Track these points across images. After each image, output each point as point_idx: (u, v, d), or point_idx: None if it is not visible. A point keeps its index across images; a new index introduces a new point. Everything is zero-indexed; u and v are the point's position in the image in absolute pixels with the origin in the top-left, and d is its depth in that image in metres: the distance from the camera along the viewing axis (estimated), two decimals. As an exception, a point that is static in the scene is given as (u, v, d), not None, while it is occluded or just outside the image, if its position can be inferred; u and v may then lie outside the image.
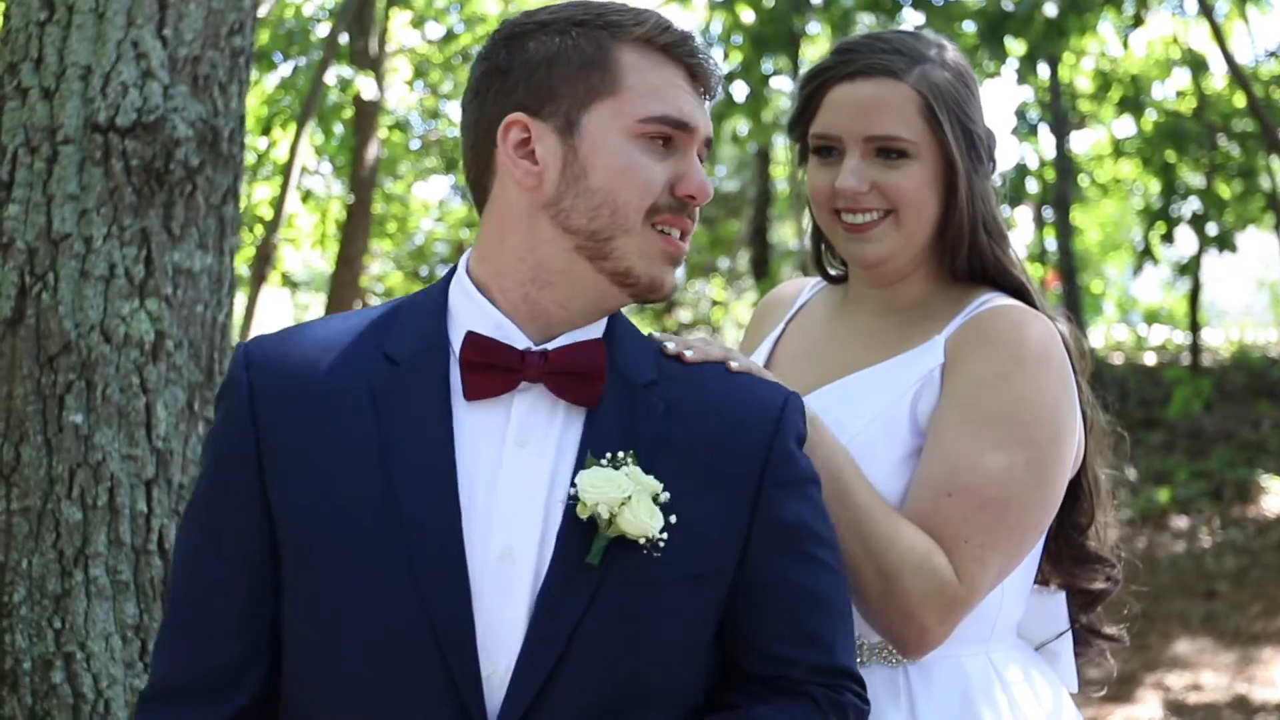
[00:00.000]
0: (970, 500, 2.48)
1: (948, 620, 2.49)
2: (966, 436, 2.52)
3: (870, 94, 2.64)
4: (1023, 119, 16.52)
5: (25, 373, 4.30)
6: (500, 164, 2.27)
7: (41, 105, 4.34)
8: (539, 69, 2.23)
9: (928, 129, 2.63)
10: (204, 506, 2.29)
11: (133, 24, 4.34)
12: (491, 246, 2.30)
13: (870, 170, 2.63)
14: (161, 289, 4.36)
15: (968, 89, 2.67)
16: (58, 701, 4.26)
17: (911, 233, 2.66)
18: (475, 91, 2.30)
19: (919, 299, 2.73)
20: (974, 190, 2.64)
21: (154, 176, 4.32)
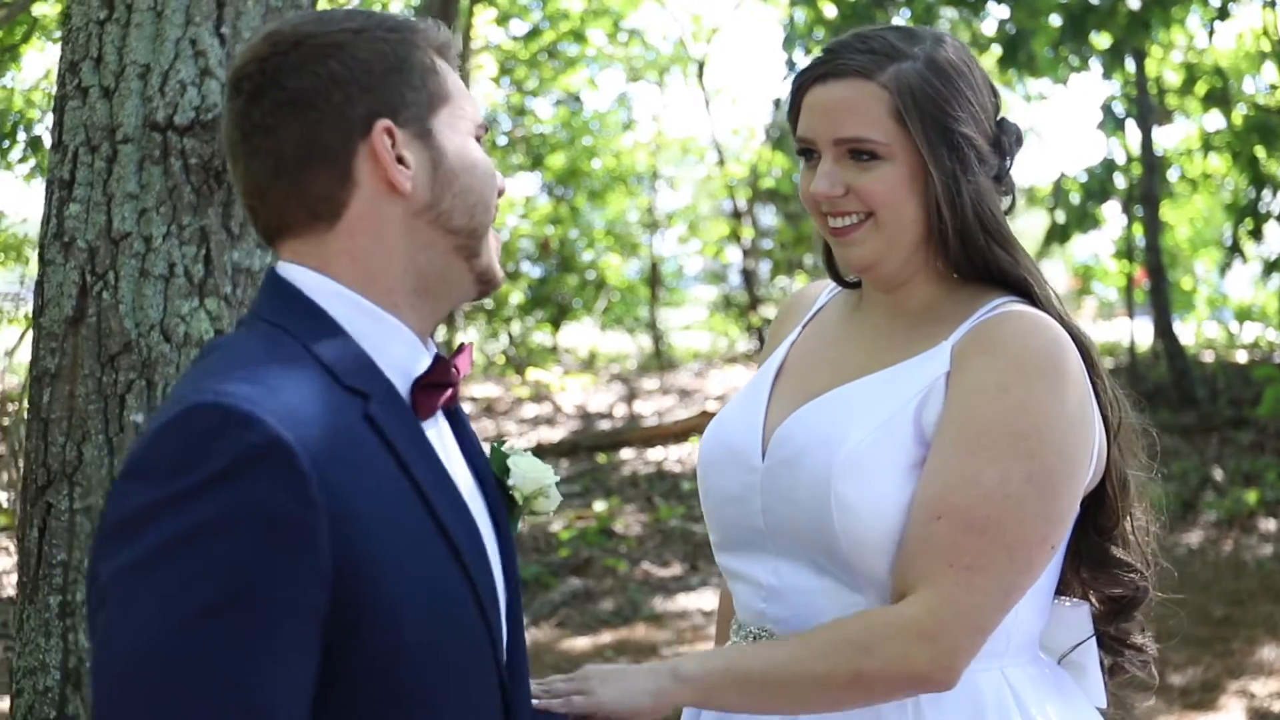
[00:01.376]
0: (958, 523, 2.43)
1: (945, 653, 2.43)
2: (961, 452, 2.46)
3: (840, 95, 2.59)
4: (1109, 114, 16.32)
5: (86, 372, 4.31)
6: (362, 176, 2.12)
7: (101, 104, 4.34)
8: (386, 76, 2.13)
9: (899, 129, 2.57)
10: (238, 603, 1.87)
11: (191, 22, 4.33)
12: (370, 262, 2.14)
13: (845, 173, 2.59)
14: (221, 288, 4.36)
15: (952, 86, 2.59)
16: (119, 700, 4.26)
17: (893, 235, 2.60)
18: (293, 105, 2.10)
19: (927, 302, 2.67)
20: (958, 190, 2.57)
21: (213, 175, 4.32)
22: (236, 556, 1.84)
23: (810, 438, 2.54)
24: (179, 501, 1.85)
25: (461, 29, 17.72)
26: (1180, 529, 11.25)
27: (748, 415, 2.71)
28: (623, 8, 20.71)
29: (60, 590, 4.29)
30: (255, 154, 2.12)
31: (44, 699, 4.28)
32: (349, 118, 2.10)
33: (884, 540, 2.47)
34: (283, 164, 2.11)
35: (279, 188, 2.12)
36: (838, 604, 2.54)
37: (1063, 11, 12.63)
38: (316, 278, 2.12)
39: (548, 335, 22.73)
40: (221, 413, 1.88)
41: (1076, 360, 2.53)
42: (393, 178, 2.11)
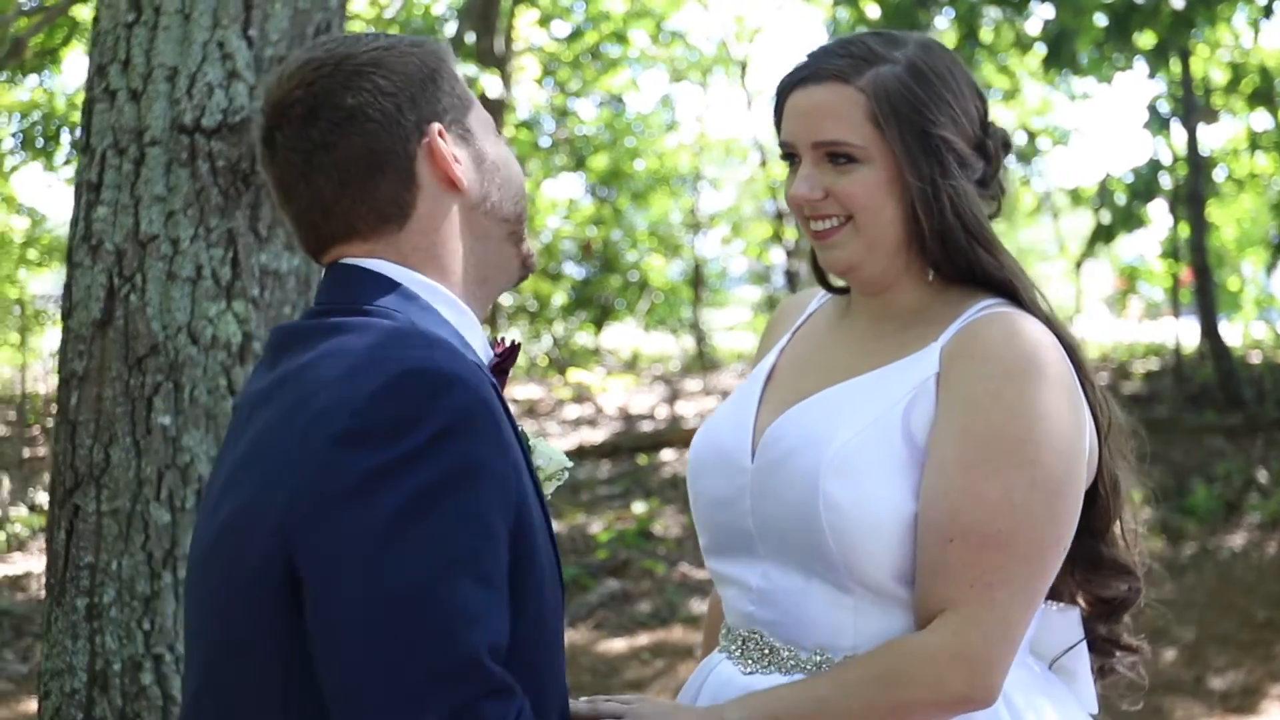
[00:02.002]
0: (971, 542, 2.42)
1: (980, 672, 2.43)
2: (962, 469, 2.45)
3: (818, 100, 2.60)
4: (1155, 113, 16.21)
5: (114, 374, 4.31)
6: (424, 177, 2.30)
7: (129, 107, 4.35)
8: (425, 86, 2.31)
9: (876, 133, 2.57)
10: (477, 507, 2.06)
11: (218, 25, 4.34)
12: (443, 257, 2.32)
13: (824, 176, 2.59)
14: (248, 290, 4.36)
15: (930, 90, 2.59)
16: (147, 703, 4.27)
17: (873, 238, 2.60)
18: (350, 119, 2.26)
19: (914, 305, 2.66)
20: (935, 193, 2.56)
21: (240, 177, 4.32)
22: (470, 509, 2.03)
23: (799, 437, 2.54)
24: (409, 462, 2.00)
25: (503, 31, 17.74)
26: (1224, 531, 11.16)
27: (738, 418, 2.71)
28: (665, 9, 20.69)
29: (87, 593, 4.30)
30: (319, 170, 2.26)
31: (71, 701, 4.29)
32: (404, 125, 2.26)
33: (871, 539, 2.47)
34: (349, 176, 2.25)
35: (347, 197, 2.26)
36: (826, 605, 2.54)
37: (1107, 11, 12.54)
38: (404, 271, 2.28)
39: (590, 336, 22.72)
40: (433, 376, 2.05)
41: (1064, 361, 2.53)
42: (452, 174, 2.28)
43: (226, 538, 2.17)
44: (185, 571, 2.36)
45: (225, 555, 2.16)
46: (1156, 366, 18.73)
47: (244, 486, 2.17)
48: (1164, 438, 14.24)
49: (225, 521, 2.18)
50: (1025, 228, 24.73)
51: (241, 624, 2.12)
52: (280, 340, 2.31)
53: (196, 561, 2.27)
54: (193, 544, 2.31)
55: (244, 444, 2.22)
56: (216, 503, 2.23)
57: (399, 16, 16.56)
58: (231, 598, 2.14)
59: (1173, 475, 12.68)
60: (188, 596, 2.32)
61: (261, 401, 2.24)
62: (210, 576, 2.20)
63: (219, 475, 2.28)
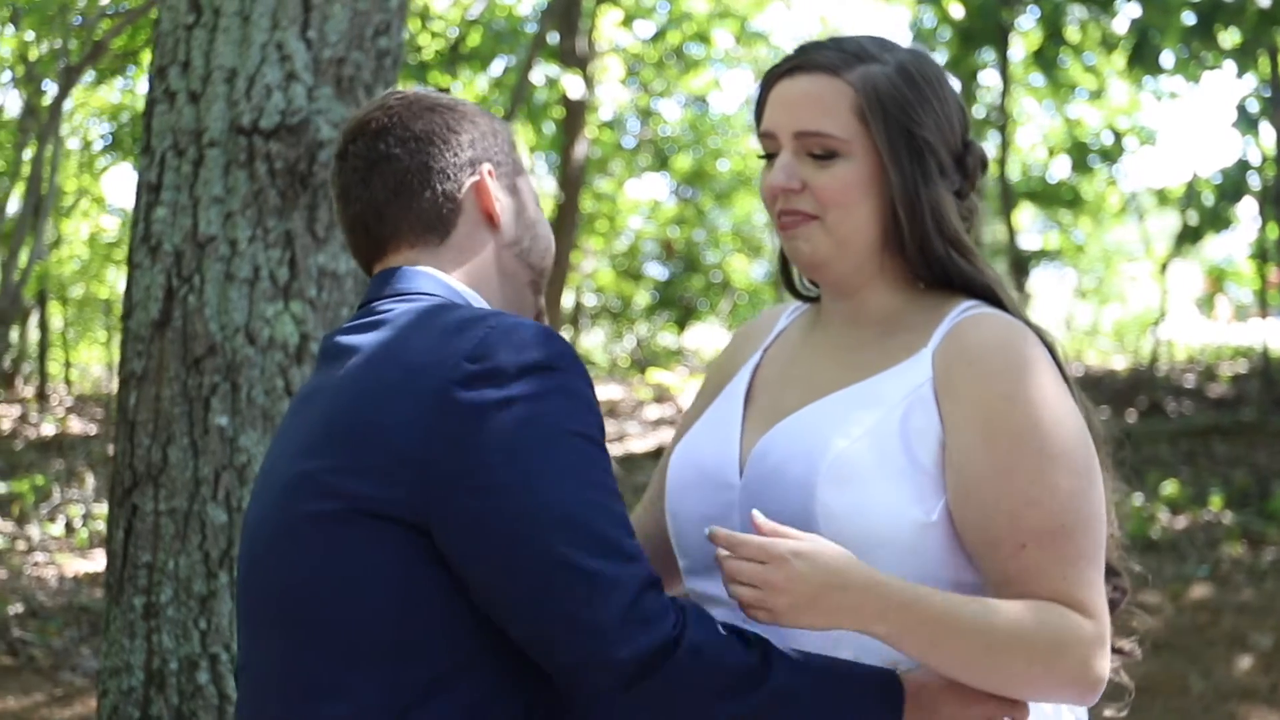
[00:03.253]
0: (1044, 539, 2.38)
1: (1106, 654, 2.39)
2: (1004, 478, 2.41)
3: (805, 89, 2.56)
4: (1243, 112, 16.02)
5: (172, 375, 4.34)
6: (468, 204, 2.50)
7: (188, 108, 4.37)
8: (487, 136, 2.54)
9: (862, 128, 2.53)
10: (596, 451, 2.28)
11: (277, 26, 4.35)
12: (475, 276, 2.50)
13: (803, 169, 2.54)
14: (305, 291, 4.37)
15: (919, 93, 2.55)
16: (203, 702, 4.29)
17: (843, 236, 2.54)
18: (416, 139, 2.49)
19: (890, 310, 2.61)
20: (914, 196, 2.52)
21: (298, 179, 4.33)
22: (593, 435, 2.25)
23: (791, 450, 2.49)
24: (539, 396, 2.20)
25: (586, 31, 17.75)
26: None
27: (720, 437, 2.65)
28: (749, 9, 20.64)
29: (145, 591, 4.33)
30: (378, 177, 2.48)
31: (128, 699, 4.32)
32: (461, 157, 2.49)
33: (870, 548, 2.41)
34: (402, 186, 2.47)
35: (399, 203, 2.47)
36: None
37: (1194, 9, 12.41)
38: (446, 276, 2.46)
39: (673, 337, 22.72)
40: (534, 327, 2.26)
41: (1047, 353, 2.51)
42: (491, 209, 2.49)
43: (313, 512, 2.25)
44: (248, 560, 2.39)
45: (318, 527, 2.24)
46: (1244, 369, 18.50)
47: (326, 458, 2.25)
48: (1248, 441, 14.07)
49: (308, 494, 2.26)
50: (1111, 229, 24.51)
51: (350, 585, 2.22)
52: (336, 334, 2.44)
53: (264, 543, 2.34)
54: (255, 530, 2.37)
55: (312, 424, 2.31)
56: (285, 486, 2.31)
57: (482, 17, 16.63)
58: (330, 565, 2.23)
59: (1255, 479, 12.52)
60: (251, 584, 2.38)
61: (320, 390, 2.36)
62: (292, 556, 2.28)
63: (279, 465, 2.36)
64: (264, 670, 2.33)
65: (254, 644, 2.37)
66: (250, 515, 2.42)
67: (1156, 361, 18.53)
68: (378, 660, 2.20)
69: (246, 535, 2.41)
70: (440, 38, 16.18)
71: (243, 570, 2.41)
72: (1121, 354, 22.18)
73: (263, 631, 2.34)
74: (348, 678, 2.21)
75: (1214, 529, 11.09)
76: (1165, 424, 15.30)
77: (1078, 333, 25.10)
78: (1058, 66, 16.08)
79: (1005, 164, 18.79)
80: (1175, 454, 13.85)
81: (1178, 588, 9.65)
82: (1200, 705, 7.55)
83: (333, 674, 2.22)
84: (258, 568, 2.36)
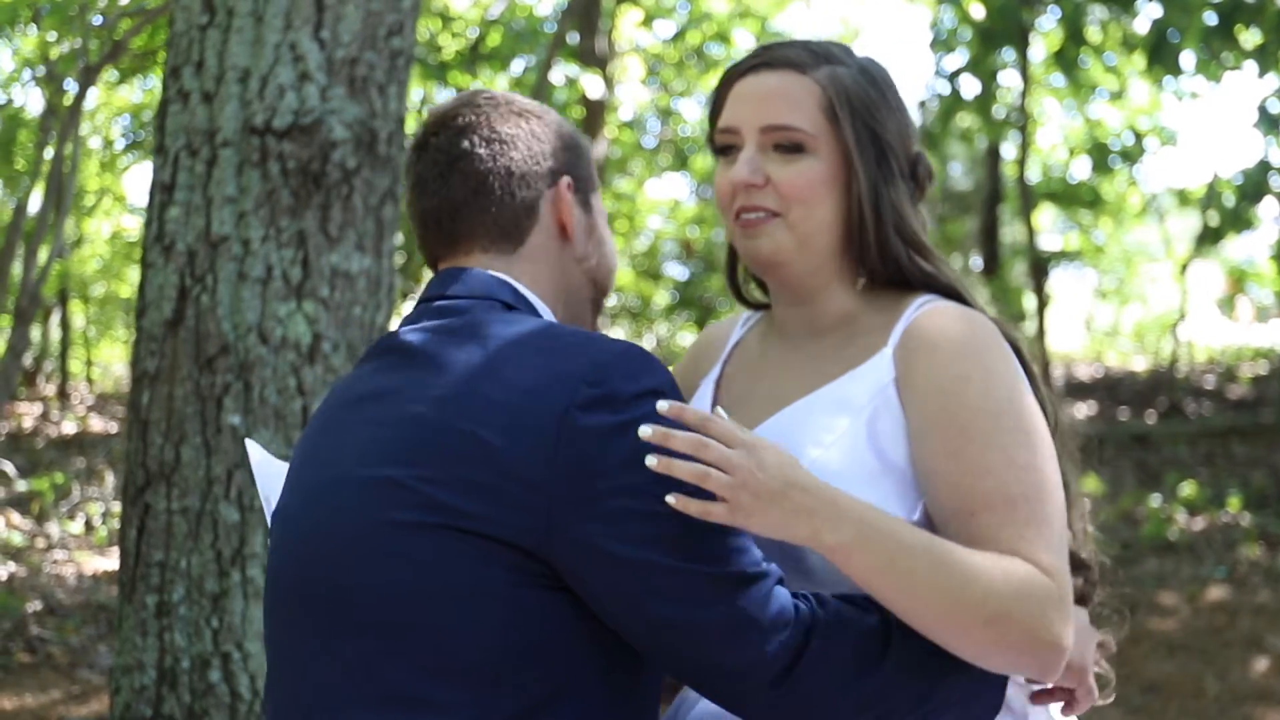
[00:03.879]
0: (997, 506, 2.33)
1: (1068, 617, 2.30)
2: (956, 455, 2.38)
3: (771, 85, 2.55)
4: (1264, 113, 15.98)
5: (184, 374, 4.36)
6: (544, 214, 2.48)
7: (201, 108, 4.39)
8: (568, 150, 2.53)
9: (828, 125, 2.52)
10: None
11: (290, 27, 4.37)
12: (544, 286, 2.49)
13: (768, 164, 2.53)
14: (318, 291, 4.38)
15: (882, 96, 2.56)
16: (215, 700, 4.31)
17: (805, 235, 2.53)
18: (500, 142, 2.48)
19: (847, 313, 2.60)
20: (878, 195, 2.52)
21: (311, 179, 4.35)
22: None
23: None
24: (644, 399, 2.19)
25: (606, 31, 17.76)
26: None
27: None
28: (769, 9, 20.65)
29: (157, 590, 4.35)
30: (458, 174, 2.46)
31: (140, 697, 4.34)
32: (543, 166, 2.47)
33: None
34: (482, 187, 2.44)
35: (477, 205, 2.45)
36: None
37: (1215, 10, 12.38)
38: (517, 283, 2.44)
39: (693, 336, 22.69)
40: (641, 352, 2.26)
41: (1005, 344, 2.49)
42: (567, 221, 2.48)
43: (405, 521, 2.19)
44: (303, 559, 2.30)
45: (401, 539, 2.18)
46: (1265, 370, 18.46)
47: (420, 468, 2.19)
48: (1268, 442, 14.04)
49: (397, 502, 2.20)
50: (1131, 229, 24.46)
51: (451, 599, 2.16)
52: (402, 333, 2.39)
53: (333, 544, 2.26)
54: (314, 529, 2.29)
55: (394, 429, 2.24)
56: (364, 490, 2.24)
57: (502, 17, 16.65)
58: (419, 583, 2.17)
59: (1274, 481, 12.50)
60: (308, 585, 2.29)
61: (394, 393, 2.29)
62: (376, 562, 2.20)
63: (348, 467, 2.28)
64: (326, 673, 2.23)
65: (306, 645, 2.27)
66: (301, 512, 2.34)
67: (1176, 362, 18.50)
68: (471, 679, 2.14)
69: (294, 532, 2.34)
70: (460, 38, 16.19)
71: (293, 569, 2.32)
72: (1141, 355, 22.15)
73: (324, 633, 2.24)
74: (434, 691, 2.15)
75: (1232, 530, 11.07)
76: (1185, 425, 15.28)
77: (1098, 334, 25.07)
78: (1078, 67, 16.05)
79: (1025, 165, 18.75)
80: (1194, 455, 13.83)
81: (1195, 589, 9.64)
82: (1216, 707, 7.53)
83: (418, 685, 2.16)
84: (321, 568, 2.26)
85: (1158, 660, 8.18)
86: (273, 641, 2.36)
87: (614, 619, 2.15)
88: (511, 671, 2.14)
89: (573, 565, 2.13)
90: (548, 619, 2.15)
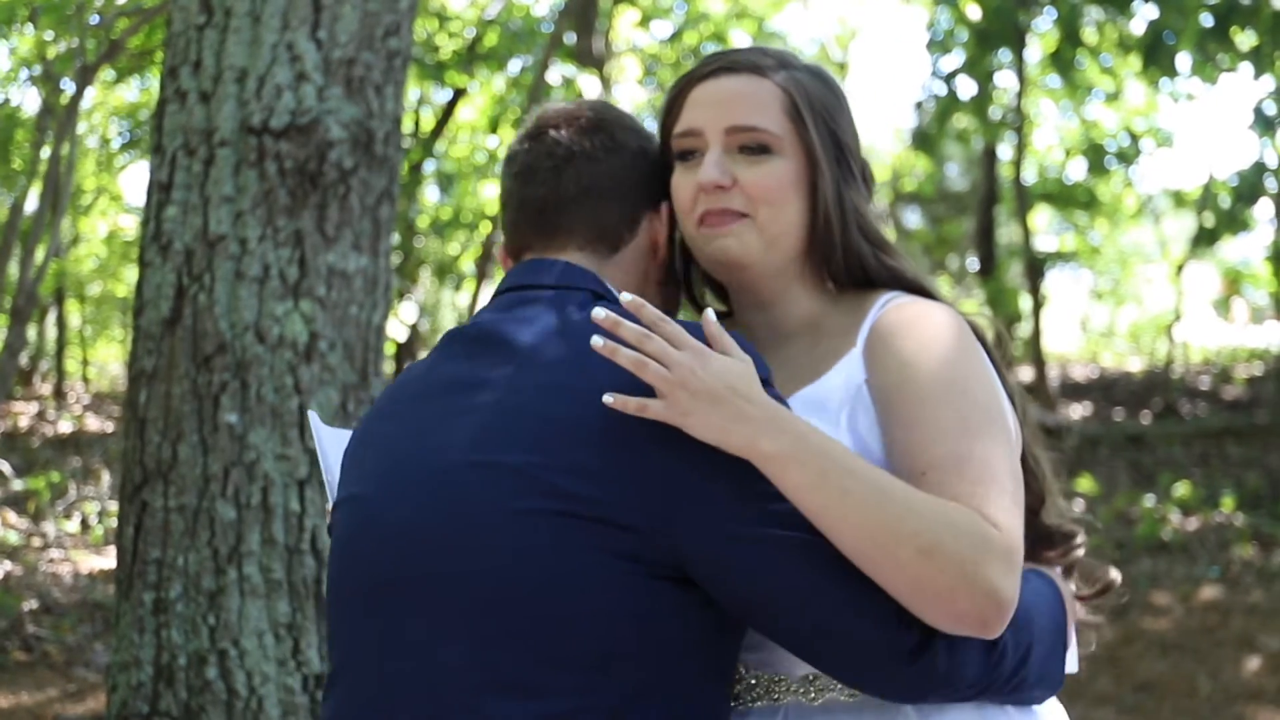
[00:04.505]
0: (949, 464, 2.29)
1: (1012, 571, 2.22)
2: (911, 422, 2.36)
3: (734, 87, 2.56)
4: (1259, 114, 16.00)
5: (182, 372, 4.38)
6: (641, 230, 2.54)
7: (199, 108, 4.41)
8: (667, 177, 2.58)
9: (791, 126, 2.54)
10: None
11: (288, 27, 4.39)
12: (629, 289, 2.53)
13: (734, 166, 2.54)
14: (315, 290, 4.41)
15: (837, 100, 2.59)
16: (212, 697, 4.33)
17: (774, 236, 2.54)
18: (619, 150, 2.53)
19: (811, 316, 2.60)
20: (841, 194, 2.54)
21: (308, 178, 4.37)
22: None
23: None
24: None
25: (603, 31, 17.79)
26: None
27: None
28: (766, 10, 20.67)
29: (154, 587, 4.37)
30: (573, 171, 2.49)
31: (137, 694, 4.36)
32: (650, 186, 2.54)
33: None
34: (593, 188, 2.49)
35: (585, 203, 2.49)
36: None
37: (1211, 11, 12.41)
38: (609, 286, 2.47)
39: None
40: (736, 336, 2.26)
41: (971, 333, 2.49)
42: (661, 242, 2.54)
43: (526, 508, 2.19)
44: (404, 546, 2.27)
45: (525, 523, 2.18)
46: (1260, 371, 18.49)
47: (541, 455, 2.19)
48: (1262, 443, 14.08)
49: (515, 489, 2.20)
50: (1127, 230, 24.49)
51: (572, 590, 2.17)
52: (493, 322, 2.39)
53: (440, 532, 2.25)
54: (412, 516, 2.27)
55: (502, 417, 2.25)
56: (476, 476, 2.23)
57: (499, 17, 16.66)
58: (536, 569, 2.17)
59: (1268, 481, 12.53)
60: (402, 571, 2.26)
61: (494, 383, 2.29)
62: (494, 549, 2.20)
63: (450, 455, 2.27)
64: (443, 659, 2.20)
65: (410, 630, 2.24)
66: (390, 500, 2.31)
67: (1172, 363, 18.53)
68: (582, 665, 2.15)
69: (383, 520, 2.30)
70: (457, 38, 16.21)
71: (387, 555, 2.28)
72: (1137, 356, 22.19)
73: (436, 619, 2.22)
74: (547, 678, 2.15)
75: (1225, 531, 11.11)
76: (1179, 426, 15.32)
77: (1093, 334, 25.10)
78: (1074, 68, 16.08)
79: (1021, 165, 18.77)
80: (1188, 455, 13.87)
81: (1188, 589, 9.67)
82: (1209, 706, 7.56)
83: (533, 672, 2.15)
84: (429, 555, 2.24)
85: (1151, 659, 8.21)
86: (353, 625, 2.32)
87: (733, 592, 2.17)
88: (618, 660, 2.15)
89: (694, 540, 2.15)
90: (656, 610, 2.17)
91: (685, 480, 2.15)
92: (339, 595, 2.35)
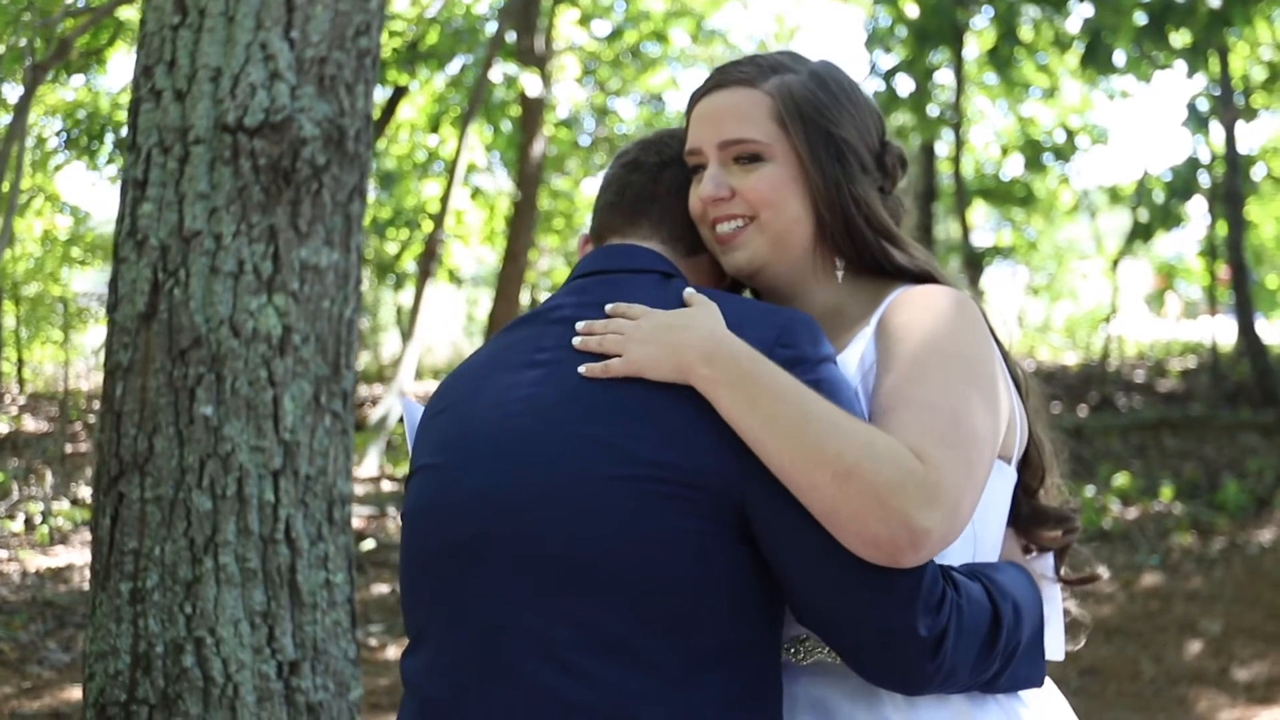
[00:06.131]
0: (914, 405, 2.31)
1: (932, 506, 2.22)
2: (892, 374, 2.43)
3: (724, 102, 2.66)
4: (1193, 111, 16.22)
5: (158, 366, 4.43)
6: (710, 241, 2.66)
7: (174, 106, 4.47)
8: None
9: (781, 132, 2.64)
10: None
11: (261, 27, 4.45)
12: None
13: (731, 177, 2.65)
14: (289, 285, 4.47)
15: (833, 96, 2.66)
16: (188, 684, 4.38)
17: (777, 235, 2.64)
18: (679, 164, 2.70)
19: (831, 305, 2.68)
20: (838, 190, 2.63)
21: (281, 175, 4.43)
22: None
23: None
24: (826, 363, 2.38)
25: (544, 30, 17.83)
26: (1253, 526, 11.21)
27: None
28: (705, 8, 20.76)
29: (131, 577, 4.43)
30: (671, 173, 2.69)
31: (114, 682, 4.41)
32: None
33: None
34: (676, 186, 2.68)
35: (674, 202, 2.67)
36: None
37: (1146, 10, 12.58)
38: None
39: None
40: (815, 320, 2.44)
41: (979, 312, 2.56)
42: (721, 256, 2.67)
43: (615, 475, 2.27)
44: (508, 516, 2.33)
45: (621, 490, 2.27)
46: (1193, 364, 18.71)
47: (623, 424, 2.30)
48: (1198, 434, 14.28)
49: (605, 458, 2.28)
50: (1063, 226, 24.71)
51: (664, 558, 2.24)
52: (578, 305, 2.50)
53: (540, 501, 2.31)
54: (517, 487, 2.33)
55: (587, 391, 2.35)
56: (570, 448, 2.31)
57: (440, 16, 16.68)
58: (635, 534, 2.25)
59: (1205, 471, 12.72)
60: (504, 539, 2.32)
61: (576, 360, 2.39)
62: (590, 516, 2.27)
63: (540, 428, 2.36)
64: (544, 622, 2.26)
65: (506, 594, 2.30)
66: (474, 469, 2.38)
67: (1108, 357, 18.74)
68: (669, 626, 2.22)
69: (470, 486, 2.37)
70: (399, 36, 16.22)
71: (472, 521, 2.35)
72: (1073, 350, 22.39)
73: (532, 584, 2.28)
74: (640, 640, 2.22)
75: (1164, 519, 11.28)
76: (1116, 418, 15.50)
77: (1030, 329, 25.30)
78: (1011, 65, 16.25)
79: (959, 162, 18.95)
80: (1126, 447, 14.05)
81: (1129, 576, 9.84)
82: (1152, 689, 7.71)
83: (626, 635, 2.22)
84: (520, 521, 2.30)
85: (1095, 644, 8.35)
86: (437, 587, 2.38)
87: (791, 572, 2.25)
88: (706, 621, 2.24)
89: (761, 517, 2.24)
90: (740, 573, 2.25)
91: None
92: (419, 559, 2.43)
